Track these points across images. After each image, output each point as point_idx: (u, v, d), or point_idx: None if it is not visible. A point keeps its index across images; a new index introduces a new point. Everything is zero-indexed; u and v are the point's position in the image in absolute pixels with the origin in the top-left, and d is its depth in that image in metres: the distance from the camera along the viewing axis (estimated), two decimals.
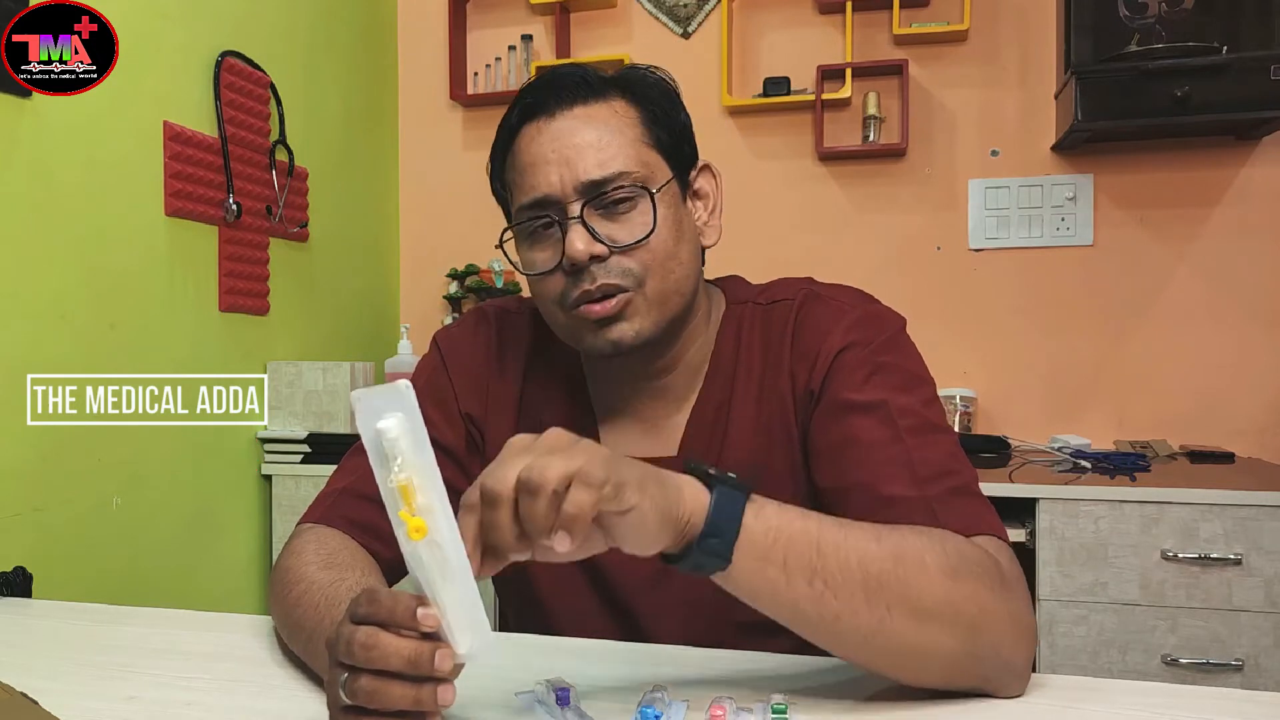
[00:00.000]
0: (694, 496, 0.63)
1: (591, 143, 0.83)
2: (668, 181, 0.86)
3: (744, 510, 0.63)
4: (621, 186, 0.83)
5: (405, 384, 0.54)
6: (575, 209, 0.83)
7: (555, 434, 0.61)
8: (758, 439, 0.89)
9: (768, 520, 0.64)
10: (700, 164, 0.93)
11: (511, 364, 0.97)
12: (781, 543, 0.64)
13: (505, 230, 0.90)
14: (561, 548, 0.57)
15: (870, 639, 0.66)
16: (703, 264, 0.93)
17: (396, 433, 0.54)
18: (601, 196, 0.83)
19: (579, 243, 0.82)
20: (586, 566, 0.92)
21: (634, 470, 0.60)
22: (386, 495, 0.55)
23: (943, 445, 0.81)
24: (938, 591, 0.66)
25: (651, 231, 0.83)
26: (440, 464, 0.94)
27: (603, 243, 0.83)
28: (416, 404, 0.54)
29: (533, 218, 0.85)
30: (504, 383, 0.96)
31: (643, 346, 0.85)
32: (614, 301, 0.83)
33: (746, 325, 0.93)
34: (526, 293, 0.98)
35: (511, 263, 0.91)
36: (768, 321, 0.92)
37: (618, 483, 0.58)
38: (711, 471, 0.64)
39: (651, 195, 0.84)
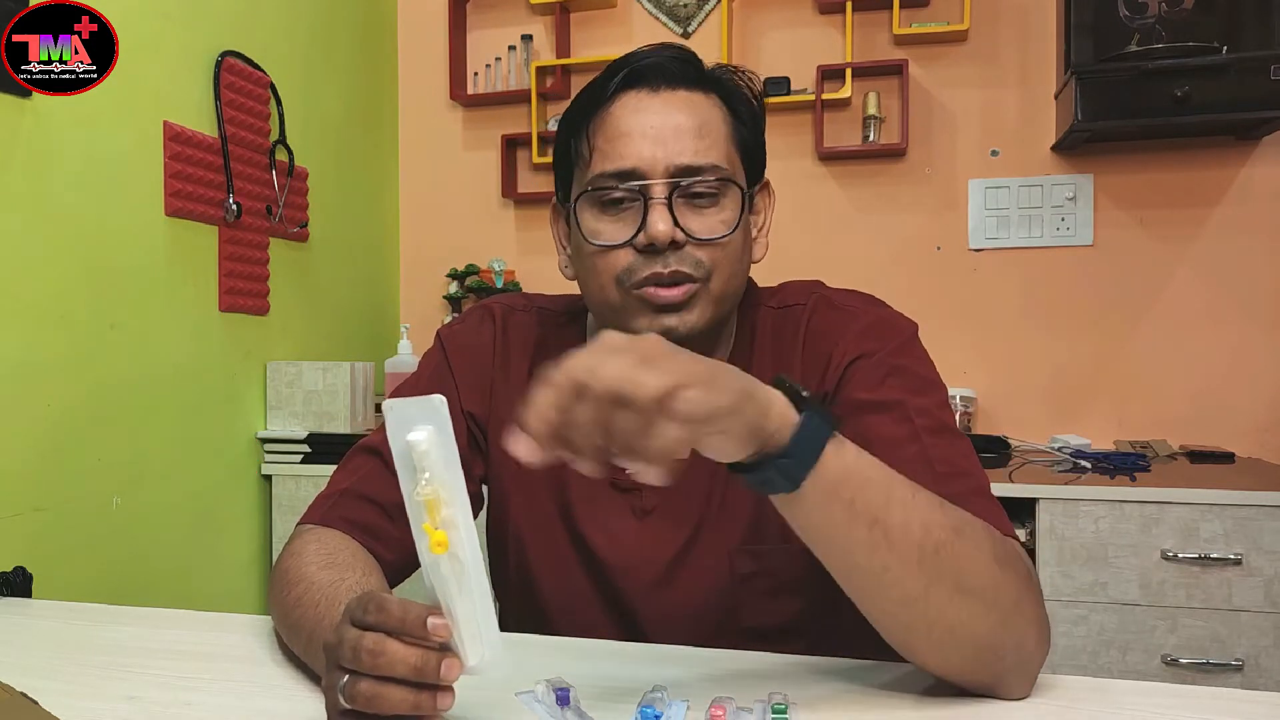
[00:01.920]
0: (781, 414, 0.59)
1: (692, 129, 0.83)
2: (745, 188, 0.86)
3: (827, 441, 0.60)
4: (714, 178, 0.83)
5: (440, 399, 0.54)
6: (664, 190, 0.82)
7: (654, 340, 0.58)
8: None
9: (845, 458, 0.61)
10: (762, 181, 0.93)
11: (516, 362, 0.96)
12: (854, 483, 0.61)
13: (581, 193, 0.85)
14: (647, 479, 0.55)
15: (911, 603, 0.64)
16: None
17: (427, 445, 0.54)
18: (692, 184, 0.82)
19: (661, 224, 0.81)
20: (591, 571, 0.93)
21: (730, 387, 0.57)
22: (411, 506, 0.55)
23: (959, 447, 0.81)
24: (984, 573, 0.65)
25: (734, 229, 0.83)
26: None
27: (683, 231, 0.82)
28: (449, 418, 0.54)
29: (613, 186, 0.83)
30: (508, 382, 0.96)
31: (688, 341, 0.84)
32: (682, 290, 0.82)
33: (760, 330, 0.93)
34: (534, 292, 0.97)
35: (576, 223, 0.87)
36: (780, 326, 0.92)
37: (713, 410, 0.55)
38: (804, 394, 0.61)
39: (743, 192, 0.85)
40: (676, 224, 0.81)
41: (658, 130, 0.82)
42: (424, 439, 0.54)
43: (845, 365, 0.85)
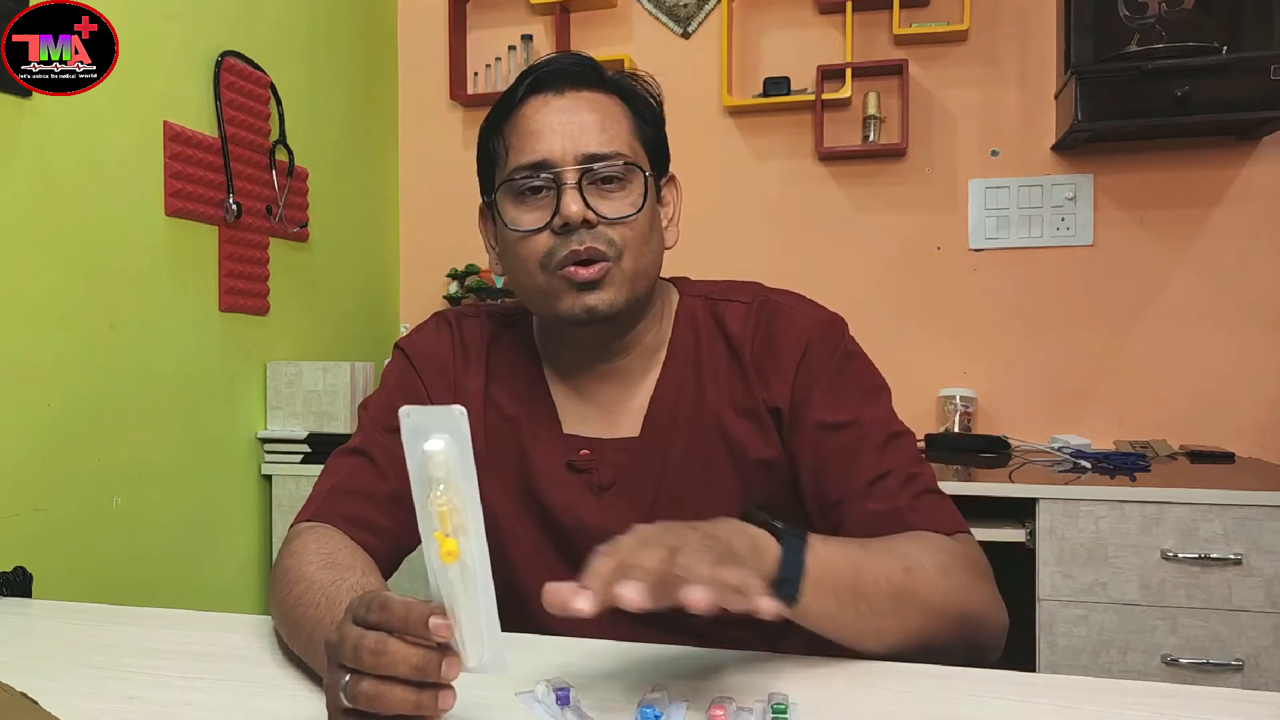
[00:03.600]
0: (769, 549, 0.71)
1: (595, 123, 0.90)
2: (649, 175, 0.93)
3: (805, 557, 0.72)
4: (619, 163, 0.90)
5: (460, 409, 0.54)
6: (574, 176, 0.88)
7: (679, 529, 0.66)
8: (735, 425, 0.94)
9: (820, 558, 0.73)
10: (668, 175, 0.99)
11: (474, 360, 1.01)
12: (831, 575, 0.73)
13: (499, 185, 0.92)
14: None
15: (897, 641, 0.78)
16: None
17: (443, 456, 0.54)
18: (596, 171, 0.89)
19: (573, 205, 0.87)
20: (562, 549, 0.96)
21: (733, 544, 0.67)
22: (423, 514, 0.55)
23: (906, 450, 0.92)
24: (937, 591, 0.78)
25: (640, 210, 0.90)
26: None
27: (594, 212, 0.88)
28: (468, 429, 0.54)
29: (528, 176, 0.89)
30: (468, 377, 1.01)
31: (612, 318, 0.91)
32: (597, 268, 0.88)
33: (702, 318, 0.99)
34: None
35: (498, 215, 0.93)
36: (721, 318, 0.98)
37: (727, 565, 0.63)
38: (778, 525, 0.72)
39: (645, 175, 0.91)
40: (588, 205, 0.88)
41: (564, 125, 0.89)
42: (441, 449, 0.53)
43: (795, 372, 0.93)
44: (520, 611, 0.97)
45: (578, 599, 0.59)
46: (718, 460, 0.94)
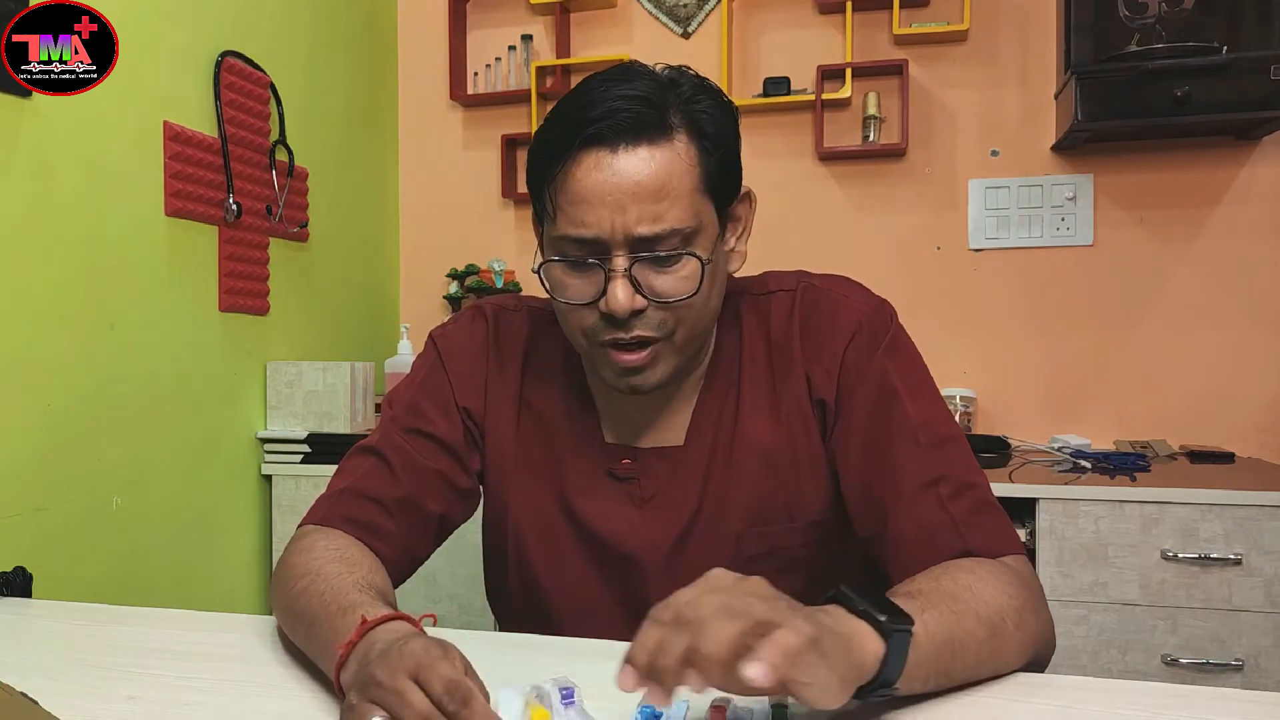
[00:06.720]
0: (872, 649, 0.61)
1: (650, 191, 0.80)
2: (716, 237, 0.85)
3: (909, 651, 0.63)
4: (673, 250, 0.81)
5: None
6: (624, 262, 0.81)
7: (758, 581, 0.60)
8: (774, 428, 0.91)
9: (921, 650, 0.64)
10: (742, 192, 0.90)
11: (510, 359, 0.98)
12: (925, 665, 0.66)
13: (544, 261, 0.85)
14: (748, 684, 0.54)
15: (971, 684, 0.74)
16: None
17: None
18: (649, 252, 0.81)
19: (621, 295, 0.80)
20: (594, 560, 0.94)
21: (822, 636, 0.57)
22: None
23: (957, 455, 0.86)
24: (1017, 645, 0.74)
25: (696, 290, 0.82)
26: (436, 456, 0.95)
27: (644, 296, 0.82)
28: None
29: (577, 257, 0.82)
30: (503, 377, 0.97)
31: (658, 389, 0.87)
32: (645, 353, 0.84)
33: (746, 316, 0.95)
34: (526, 293, 0.98)
35: (543, 278, 0.86)
36: (765, 312, 0.94)
37: (806, 655, 0.55)
38: (882, 618, 0.62)
39: (701, 261, 0.82)
40: (638, 289, 0.81)
41: (616, 198, 0.79)
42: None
43: (841, 361, 0.89)
44: (540, 617, 0.96)
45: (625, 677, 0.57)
46: (758, 471, 0.91)
